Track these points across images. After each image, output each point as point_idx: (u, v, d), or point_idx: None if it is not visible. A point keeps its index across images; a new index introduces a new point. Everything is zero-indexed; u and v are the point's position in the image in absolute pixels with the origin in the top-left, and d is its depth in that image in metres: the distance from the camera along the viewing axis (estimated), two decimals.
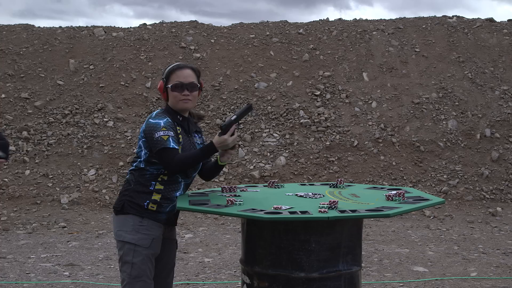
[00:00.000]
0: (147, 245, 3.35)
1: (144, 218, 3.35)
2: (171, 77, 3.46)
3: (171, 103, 3.47)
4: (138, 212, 3.36)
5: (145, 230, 3.35)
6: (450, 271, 6.27)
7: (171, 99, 3.45)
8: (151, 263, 3.39)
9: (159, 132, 3.30)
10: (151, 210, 3.36)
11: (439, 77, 12.34)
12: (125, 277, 3.37)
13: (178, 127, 3.42)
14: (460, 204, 9.93)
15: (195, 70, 3.53)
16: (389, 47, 13.02)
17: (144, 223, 3.35)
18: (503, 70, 12.51)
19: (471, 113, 11.59)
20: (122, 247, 3.38)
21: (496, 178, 10.51)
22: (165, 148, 3.26)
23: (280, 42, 13.17)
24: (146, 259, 3.35)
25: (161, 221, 3.40)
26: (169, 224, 3.49)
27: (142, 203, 3.36)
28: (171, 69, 3.50)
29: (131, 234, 3.35)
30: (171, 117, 3.42)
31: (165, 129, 3.31)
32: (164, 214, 3.40)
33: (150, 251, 3.36)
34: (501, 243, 7.65)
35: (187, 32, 13.40)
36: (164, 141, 3.28)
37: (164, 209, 3.39)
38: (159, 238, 3.41)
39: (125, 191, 3.44)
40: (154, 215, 3.37)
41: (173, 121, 3.40)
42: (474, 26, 13.58)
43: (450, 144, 11.05)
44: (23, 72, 12.20)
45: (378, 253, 7.01)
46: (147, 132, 3.35)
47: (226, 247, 7.30)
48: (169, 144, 3.27)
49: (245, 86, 12.12)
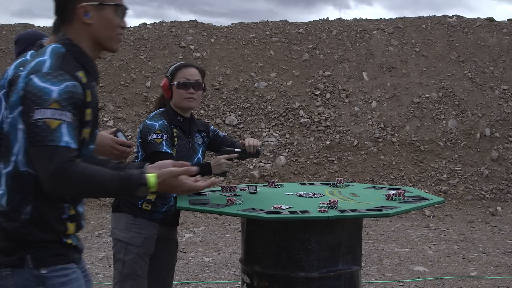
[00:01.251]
0: (139, 243, 3.35)
1: (137, 217, 3.36)
2: (177, 74, 3.45)
3: (175, 101, 3.46)
4: (131, 210, 3.37)
5: (138, 229, 3.36)
6: (450, 270, 6.27)
7: (175, 97, 3.44)
8: (143, 262, 3.39)
9: (153, 134, 3.30)
10: (145, 210, 3.37)
11: (439, 77, 12.34)
12: (116, 274, 3.40)
13: (175, 130, 3.41)
14: (460, 204, 9.93)
15: (200, 70, 3.54)
16: (389, 47, 13.01)
17: (137, 222, 3.36)
18: (503, 70, 12.51)
19: (471, 112, 11.59)
20: (115, 244, 3.41)
21: (496, 178, 10.51)
22: (157, 151, 3.26)
23: (280, 41, 13.17)
24: (137, 257, 3.36)
25: (156, 220, 3.40)
26: (167, 224, 3.49)
27: (136, 202, 3.37)
28: (177, 67, 3.50)
29: (123, 232, 3.37)
30: (170, 118, 3.41)
31: (159, 132, 3.31)
32: (159, 214, 3.41)
33: (141, 250, 3.37)
34: (501, 242, 7.65)
35: (187, 32, 13.40)
36: (157, 144, 3.28)
37: (159, 209, 3.40)
38: (153, 237, 3.41)
39: None
40: (149, 214, 3.38)
41: (170, 124, 3.39)
42: (474, 25, 13.58)
43: (450, 143, 11.05)
44: None
45: (378, 252, 7.01)
46: (143, 133, 3.36)
47: (226, 247, 7.30)
48: (162, 148, 3.27)
49: (245, 85, 12.12)
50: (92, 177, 1.98)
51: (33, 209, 2.06)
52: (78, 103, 2.02)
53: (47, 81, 1.98)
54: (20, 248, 2.07)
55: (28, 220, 2.06)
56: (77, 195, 2.15)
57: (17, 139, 2.06)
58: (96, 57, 2.22)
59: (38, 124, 1.93)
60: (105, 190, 2.03)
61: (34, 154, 1.98)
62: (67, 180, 1.94)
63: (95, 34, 2.16)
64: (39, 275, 2.08)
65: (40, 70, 2.01)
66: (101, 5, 2.14)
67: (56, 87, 1.97)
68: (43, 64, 2.03)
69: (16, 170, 2.06)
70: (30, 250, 2.07)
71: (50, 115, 1.94)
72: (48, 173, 1.93)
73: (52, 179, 1.94)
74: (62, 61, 2.07)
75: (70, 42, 2.14)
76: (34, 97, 1.95)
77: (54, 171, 1.92)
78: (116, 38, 2.22)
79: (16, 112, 2.04)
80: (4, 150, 2.11)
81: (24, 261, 2.07)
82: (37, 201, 2.07)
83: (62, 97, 1.97)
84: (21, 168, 2.06)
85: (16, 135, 2.06)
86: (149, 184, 2.05)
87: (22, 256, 2.07)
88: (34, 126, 1.94)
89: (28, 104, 1.96)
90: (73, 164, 1.95)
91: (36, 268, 2.07)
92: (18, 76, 2.08)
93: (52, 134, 1.93)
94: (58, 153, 1.94)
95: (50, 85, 1.97)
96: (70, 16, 2.14)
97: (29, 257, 2.06)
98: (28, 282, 2.07)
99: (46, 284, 2.08)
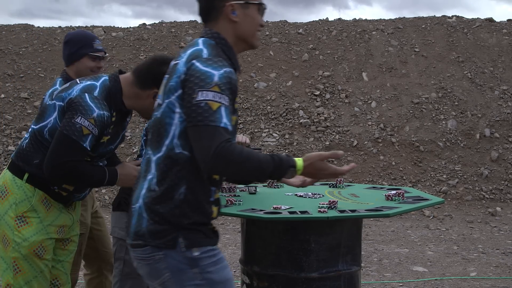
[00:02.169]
0: None
1: None
2: None
3: None
4: None
5: None
6: (449, 271, 6.27)
7: None
8: None
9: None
10: None
11: (438, 77, 12.35)
12: (116, 273, 3.39)
13: None
14: (460, 204, 9.93)
15: None
16: (388, 47, 13.02)
17: None
18: (502, 70, 12.51)
19: (471, 113, 11.59)
20: (116, 243, 3.41)
21: (496, 178, 10.51)
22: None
23: (279, 42, 13.17)
24: None
25: None
26: None
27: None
28: None
29: (125, 230, 3.36)
30: None
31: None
32: None
33: None
34: (500, 243, 7.66)
35: (186, 32, 13.40)
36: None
37: None
38: None
39: (124, 188, 3.45)
40: None
41: None
42: (474, 26, 13.58)
43: (449, 144, 11.06)
44: (22, 72, 12.20)
45: (378, 253, 7.02)
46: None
47: (225, 247, 7.30)
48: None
49: (244, 86, 12.13)
50: (250, 157, 2.06)
51: (186, 190, 2.14)
52: (234, 89, 2.15)
53: (209, 65, 2.10)
54: (172, 230, 2.13)
55: (181, 201, 2.14)
56: (234, 175, 2.30)
57: (173, 123, 2.14)
58: (237, 53, 2.35)
59: (201, 105, 2.04)
60: (260, 170, 2.09)
61: (195, 133, 2.06)
62: (228, 159, 2.01)
63: (239, 31, 2.29)
64: (192, 256, 2.15)
65: (201, 56, 2.14)
66: (246, 4, 2.27)
67: (217, 72, 2.09)
68: (201, 51, 2.16)
69: (170, 153, 2.14)
70: (181, 231, 2.14)
71: (212, 97, 2.05)
72: (210, 151, 2.00)
73: (213, 158, 2.00)
74: (216, 50, 2.20)
75: (219, 36, 2.26)
76: (197, 80, 2.07)
77: (215, 150, 2.00)
78: (256, 35, 2.35)
79: (174, 96, 2.14)
80: (155, 136, 2.19)
81: (177, 243, 2.13)
82: (191, 183, 2.15)
83: (222, 81, 2.08)
84: (176, 151, 2.14)
85: (173, 119, 2.14)
86: (298, 167, 2.17)
87: (174, 237, 2.13)
88: (197, 107, 2.04)
89: (191, 87, 2.08)
90: (232, 144, 2.05)
91: (188, 250, 2.14)
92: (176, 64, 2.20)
93: (213, 115, 2.03)
94: (219, 133, 2.02)
95: (212, 69, 2.09)
96: (217, 14, 2.27)
97: (181, 239, 2.13)
98: (180, 265, 2.14)
99: (199, 265, 2.15)
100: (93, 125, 2.63)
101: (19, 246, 2.75)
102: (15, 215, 2.76)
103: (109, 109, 2.71)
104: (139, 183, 2.24)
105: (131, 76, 2.81)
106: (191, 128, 2.06)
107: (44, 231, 2.80)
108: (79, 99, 2.66)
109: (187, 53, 2.18)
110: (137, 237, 2.19)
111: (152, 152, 2.19)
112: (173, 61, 2.26)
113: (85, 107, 2.64)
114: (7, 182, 2.81)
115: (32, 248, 2.76)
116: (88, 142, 2.64)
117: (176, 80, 2.14)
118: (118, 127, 2.87)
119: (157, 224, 2.14)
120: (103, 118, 2.67)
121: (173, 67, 2.21)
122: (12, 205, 2.77)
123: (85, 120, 2.62)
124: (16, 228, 2.76)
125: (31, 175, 2.78)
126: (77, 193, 2.91)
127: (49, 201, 2.83)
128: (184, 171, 2.14)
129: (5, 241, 2.78)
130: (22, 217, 2.76)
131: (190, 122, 2.06)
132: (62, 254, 2.98)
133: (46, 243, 2.81)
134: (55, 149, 2.61)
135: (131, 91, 2.78)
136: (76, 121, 2.61)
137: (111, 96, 2.73)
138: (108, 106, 2.70)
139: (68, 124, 2.63)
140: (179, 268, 2.14)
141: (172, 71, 2.20)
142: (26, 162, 2.78)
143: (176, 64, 2.19)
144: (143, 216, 2.16)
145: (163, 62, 2.71)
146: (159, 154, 2.16)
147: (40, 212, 2.79)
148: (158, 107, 2.22)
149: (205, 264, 2.16)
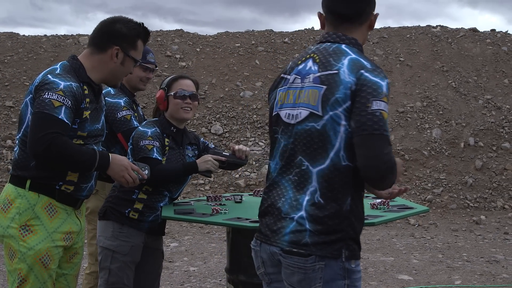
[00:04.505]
0: (126, 252, 3.34)
1: (124, 225, 3.35)
2: (173, 85, 3.50)
3: (171, 112, 3.48)
4: (118, 219, 3.35)
5: (124, 237, 3.34)
6: (434, 279, 6.30)
7: (172, 107, 3.47)
8: (129, 270, 3.38)
9: (145, 140, 3.32)
10: (132, 218, 3.36)
11: (423, 86, 12.44)
12: (102, 283, 3.37)
13: (168, 139, 3.43)
14: (444, 213, 9.99)
15: (195, 82, 3.61)
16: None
17: (124, 230, 3.35)
18: (486, 80, 12.63)
19: (455, 122, 11.68)
20: (101, 252, 3.39)
21: (480, 187, 10.58)
22: (147, 157, 3.27)
23: (265, 51, 13.21)
24: (124, 266, 3.34)
25: (143, 229, 3.39)
26: (153, 233, 3.48)
27: (123, 210, 3.35)
28: (174, 78, 3.57)
29: (110, 240, 3.35)
30: (163, 127, 3.43)
31: (151, 138, 3.32)
32: (146, 223, 3.39)
33: (128, 258, 3.35)
34: (485, 251, 7.71)
35: (172, 41, 13.40)
36: (147, 150, 3.29)
37: (146, 218, 3.39)
38: (139, 246, 3.40)
39: (110, 197, 3.44)
40: (135, 223, 3.37)
41: (162, 132, 3.41)
42: (458, 35, 13.71)
43: (434, 152, 11.13)
44: (7, 80, 12.12)
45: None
46: (134, 139, 3.37)
47: (211, 256, 7.28)
48: (152, 154, 3.28)
49: (230, 94, 12.14)
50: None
51: (351, 201, 2.17)
52: None
53: (376, 76, 2.14)
54: (339, 241, 2.16)
55: (348, 212, 2.16)
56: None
57: (338, 135, 2.15)
58: None
59: (376, 114, 2.08)
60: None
61: (368, 141, 2.08)
62: (394, 169, 2.11)
63: (366, 37, 2.38)
64: (349, 268, 2.17)
65: (365, 67, 2.17)
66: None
67: (384, 82, 2.14)
68: (362, 62, 2.19)
69: (337, 165, 2.15)
70: (347, 242, 2.17)
71: (383, 107, 2.10)
72: (390, 159, 2.08)
73: (386, 165, 2.07)
74: (365, 57, 2.24)
75: (357, 42, 2.30)
76: (370, 89, 2.11)
77: (390, 158, 2.08)
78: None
79: (341, 108, 2.14)
80: (313, 148, 2.19)
81: (341, 253, 2.15)
82: (354, 193, 2.19)
83: (388, 92, 2.15)
84: (343, 163, 2.15)
85: (338, 131, 2.15)
86: None
87: (340, 247, 2.15)
88: (373, 116, 2.08)
89: (364, 96, 2.10)
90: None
91: (347, 261, 2.16)
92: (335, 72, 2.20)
93: (386, 124, 2.09)
94: (389, 142, 2.11)
95: (380, 79, 2.14)
96: (364, 20, 2.33)
97: (344, 249, 2.16)
98: (336, 275, 2.16)
99: (351, 277, 2.18)
100: (63, 96, 2.62)
101: (24, 256, 2.72)
102: (19, 225, 2.73)
103: (76, 81, 2.74)
104: (283, 191, 2.26)
105: (88, 49, 2.88)
106: (362, 136, 2.09)
107: (49, 238, 2.76)
108: (42, 80, 2.69)
109: (345, 63, 2.18)
110: (298, 246, 2.17)
111: (310, 164, 2.19)
112: (312, 64, 2.27)
113: (50, 84, 2.66)
114: (9, 194, 2.78)
115: (38, 257, 2.73)
116: (63, 114, 2.61)
117: (342, 92, 2.14)
118: (96, 104, 2.88)
119: (324, 235, 2.14)
120: (72, 88, 2.68)
121: (332, 76, 2.18)
122: (16, 216, 2.73)
123: (52, 93, 2.62)
124: (21, 238, 2.72)
125: (32, 180, 2.75)
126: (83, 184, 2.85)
127: (54, 207, 2.79)
128: (350, 182, 2.16)
129: (12, 253, 2.75)
130: (26, 226, 2.73)
131: (365, 130, 2.07)
132: (67, 267, 2.95)
133: (53, 252, 2.78)
134: (32, 128, 2.59)
135: (93, 60, 2.85)
136: (44, 97, 2.61)
137: (74, 70, 2.78)
138: (74, 78, 2.74)
139: (37, 103, 2.63)
140: (332, 278, 2.15)
141: (331, 81, 2.18)
142: (24, 169, 2.76)
143: (335, 74, 2.17)
144: (306, 227, 2.16)
145: (112, 21, 2.86)
146: (321, 166, 2.16)
147: (43, 219, 2.75)
148: (310, 117, 2.20)
149: (355, 278, 2.18)
